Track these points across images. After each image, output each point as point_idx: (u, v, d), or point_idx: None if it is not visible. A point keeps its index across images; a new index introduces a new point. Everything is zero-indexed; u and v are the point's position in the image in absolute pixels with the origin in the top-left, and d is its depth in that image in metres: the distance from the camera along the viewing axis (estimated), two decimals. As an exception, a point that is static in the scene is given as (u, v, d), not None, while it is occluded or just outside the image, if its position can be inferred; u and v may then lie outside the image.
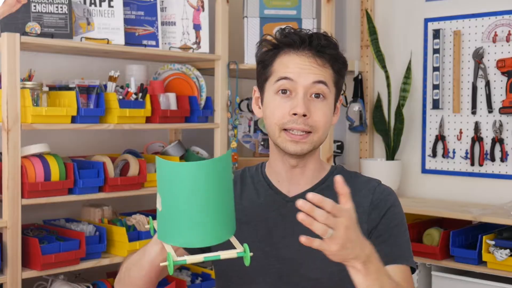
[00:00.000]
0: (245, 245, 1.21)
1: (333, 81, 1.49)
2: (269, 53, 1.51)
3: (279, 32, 1.51)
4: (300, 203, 1.14)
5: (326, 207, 1.16)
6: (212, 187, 1.16)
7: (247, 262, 1.22)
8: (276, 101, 1.47)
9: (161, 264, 1.22)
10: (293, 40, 1.47)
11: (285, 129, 1.46)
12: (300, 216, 1.14)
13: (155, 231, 1.32)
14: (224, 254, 1.18)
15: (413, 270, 1.50)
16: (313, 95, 1.46)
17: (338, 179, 1.20)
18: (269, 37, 1.52)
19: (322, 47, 1.46)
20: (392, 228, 1.49)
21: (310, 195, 1.15)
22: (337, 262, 1.24)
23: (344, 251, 1.19)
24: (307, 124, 1.44)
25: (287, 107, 1.45)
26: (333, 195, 1.52)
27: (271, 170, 1.57)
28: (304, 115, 1.43)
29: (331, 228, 1.15)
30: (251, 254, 1.22)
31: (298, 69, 1.45)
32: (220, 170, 1.17)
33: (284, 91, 1.46)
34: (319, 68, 1.46)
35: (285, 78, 1.46)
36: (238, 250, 1.20)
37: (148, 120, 2.58)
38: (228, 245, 1.23)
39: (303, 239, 1.16)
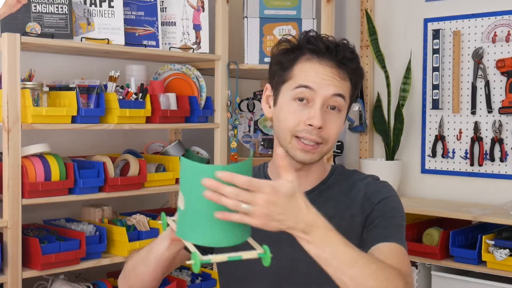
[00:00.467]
0: (265, 246, 1.22)
1: (350, 94, 1.48)
2: (289, 55, 1.47)
3: (303, 35, 1.48)
4: (206, 181, 1.12)
5: (238, 183, 1.13)
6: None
7: (267, 263, 1.22)
8: (292, 107, 1.44)
9: (187, 262, 1.22)
10: (319, 47, 1.44)
11: (296, 136, 1.44)
12: (207, 193, 1.12)
13: (167, 226, 1.33)
14: (245, 255, 1.21)
15: None
16: (329, 107, 1.44)
17: (280, 153, 1.20)
18: (291, 38, 1.49)
19: (347, 60, 1.45)
20: (384, 214, 1.47)
21: (219, 173, 1.13)
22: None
23: (272, 223, 1.16)
24: (320, 136, 1.43)
25: (303, 116, 1.43)
26: (332, 194, 1.53)
27: (274, 171, 1.57)
28: (320, 128, 1.42)
29: (246, 203, 1.13)
30: (271, 255, 1.22)
31: (319, 79, 1.43)
32: (243, 174, 1.18)
33: (301, 99, 1.44)
34: (340, 81, 1.44)
35: (305, 86, 1.43)
36: (259, 251, 1.22)
37: (148, 120, 2.58)
38: (244, 246, 1.24)
39: (219, 214, 1.14)
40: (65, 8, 2.39)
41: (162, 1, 2.75)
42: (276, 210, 1.16)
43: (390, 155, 3.20)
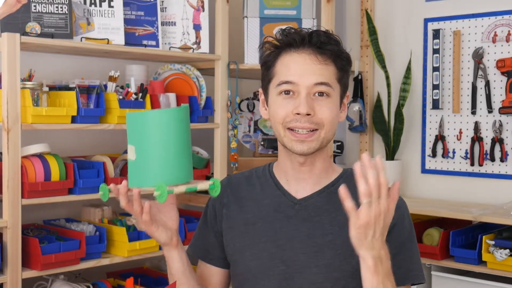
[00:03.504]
0: (214, 178, 1.41)
1: (337, 78, 1.48)
2: (271, 54, 1.50)
3: (279, 32, 1.51)
4: (364, 157, 1.23)
5: (381, 178, 1.23)
6: (180, 131, 1.36)
7: (216, 193, 1.40)
8: (279, 101, 1.47)
9: (154, 194, 1.32)
10: (293, 38, 1.47)
11: (289, 128, 1.46)
12: (357, 167, 1.22)
13: (109, 192, 1.43)
14: (200, 186, 1.38)
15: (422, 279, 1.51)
16: (316, 94, 1.46)
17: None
18: (270, 39, 1.53)
19: (323, 44, 1.46)
20: (399, 245, 1.47)
21: (377, 159, 1.24)
22: (342, 268, 1.25)
23: (363, 232, 1.24)
24: (312, 122, 1.44)
25: (290, 107, 1.45)
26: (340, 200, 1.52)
27: (279, 169, 1.57)
28: (308, 114, 1.44)
29: (372, 198, 1.21)
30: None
31: (299, 71, 1.45)
32: (185, 117, 1.37)
33: (287, 92, 1.46)
34: (321, 66, 1.45)
35: (287, 82, 1.46)
36: (210, 182, 1.40)
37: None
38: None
39: (342, 188, 1.23)
40: (65, 8, 2.39)
41: (162, 1, 2.75)
42: (378, 225, 1.25)
43: (390, 155, 3.20)
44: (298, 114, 1.44)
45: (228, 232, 1.57)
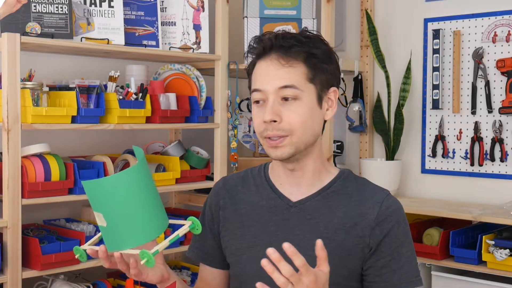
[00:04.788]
0: (192, 217, 1.35)
1: (308, 78, 1.45)
2: (250, 64, 1.52)
3: (254, 40, 1.51)
4: (269, 250, 1.17)
5: (296, 262, 1.19)
6: (144, 186, 1.28)
7: (198, 231, 1.35)
8: (254, 111, 1.49)
9: (141, 262, 1.27)
10: (259, 49, 1.48)
11: (266, 137, 1.46)
12: (264, 262, 1.17)
13: (88, 256, 1.37)
14: (181, 232, 1.33)
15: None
16: (282, 99, 1.44)
17: (318, 243, 1.24)
18: (256, 45, 1.52)
19: (286, 47, 1.44)
20: (394, 250, 1.47)
21: (286, 245, 1.18)
22: (338, 271, 1.26)
23: None
24: (279, 129, 1.43)
25: (261, 116, 1.45)
26: (339, 201, 1.51)
27: (274, 173, 1.57)
28: (274, 121, 1.43)
29: (292, 283, 1.19)
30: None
31: (264, 78, 1.45)
32: (144, 170, 1.29)
33: (257, 101, 1.47)
34: (285, 69, 1.43)
35: (255, 90, 1.47)
36: (189, 223, 1.35)
37: (148, 120, 2.58)
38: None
39: (258, 285, 1.21)
40: (65, 8, 2.39)
41: (162, 1, 2.75)
42: None
43: (390, 155, 3.19)
44: (265, 122, 1.44)
45: (224, 235, 1.57)
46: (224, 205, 1.58)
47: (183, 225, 1.35)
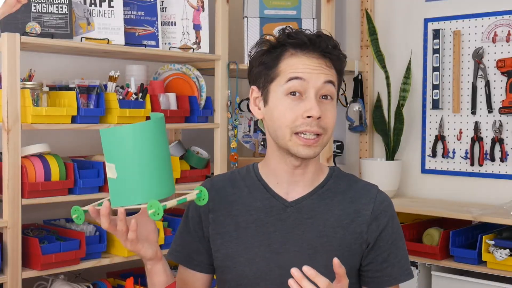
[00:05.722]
0: (200, 187, 1.39)
1: (337, 81, 1.48)
2: (272, 54, 1.46)
3: (281, 32, 1.48)
4: (293, 270, 1.22)
5: (320, 284, 1.23)
6: (160, 143, 1.30)
7: (202, 202, 1.38)
8: (286, 103, 1.42)
9: (149, 212, 1.27)
10: (302, 40, 1.44)
11: (296, 133, 1.42)
12: (290, 281, 1.23)
13: (84, 213, 1.39)
14: (189, 196, 1.36)
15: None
16: (321, 97, 1.44)
17: (335, 262, 1.27)
18: (269, 37, 1.49)
19: (330, 49, 1.45)
20: (392, 244, 1.51)
21: (305, 268, 1.23)
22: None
23: None
24: (320, 127, 1.42)
25: (299, 110, 1.41)
26: (334, 199, 1.52)
27: (268, 171, 1.54)
28: (318, 118, 1.41)
29: None
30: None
31: (308, 70, 1.42)
32: (163, 127, 1.32)
33: (294, 93, 1.42)
34: (327, 69, 1.44)
35: (296, 78, 1.42)
36: (197, 191, 1.38)
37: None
38: None
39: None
40: (65, 8, 2.39)
41: (162, 1, 2.75)
42: None
43: (390, 155, 3.19)
44: (308, 117, 1.40)
45: (217, 238, 1.52)
46: (214, 208, 1.53)
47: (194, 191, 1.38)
